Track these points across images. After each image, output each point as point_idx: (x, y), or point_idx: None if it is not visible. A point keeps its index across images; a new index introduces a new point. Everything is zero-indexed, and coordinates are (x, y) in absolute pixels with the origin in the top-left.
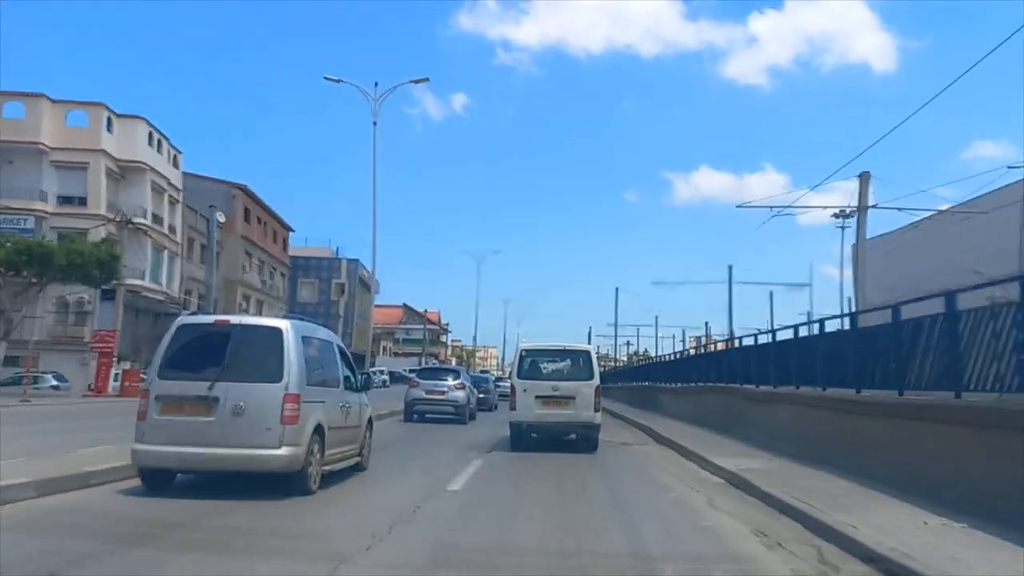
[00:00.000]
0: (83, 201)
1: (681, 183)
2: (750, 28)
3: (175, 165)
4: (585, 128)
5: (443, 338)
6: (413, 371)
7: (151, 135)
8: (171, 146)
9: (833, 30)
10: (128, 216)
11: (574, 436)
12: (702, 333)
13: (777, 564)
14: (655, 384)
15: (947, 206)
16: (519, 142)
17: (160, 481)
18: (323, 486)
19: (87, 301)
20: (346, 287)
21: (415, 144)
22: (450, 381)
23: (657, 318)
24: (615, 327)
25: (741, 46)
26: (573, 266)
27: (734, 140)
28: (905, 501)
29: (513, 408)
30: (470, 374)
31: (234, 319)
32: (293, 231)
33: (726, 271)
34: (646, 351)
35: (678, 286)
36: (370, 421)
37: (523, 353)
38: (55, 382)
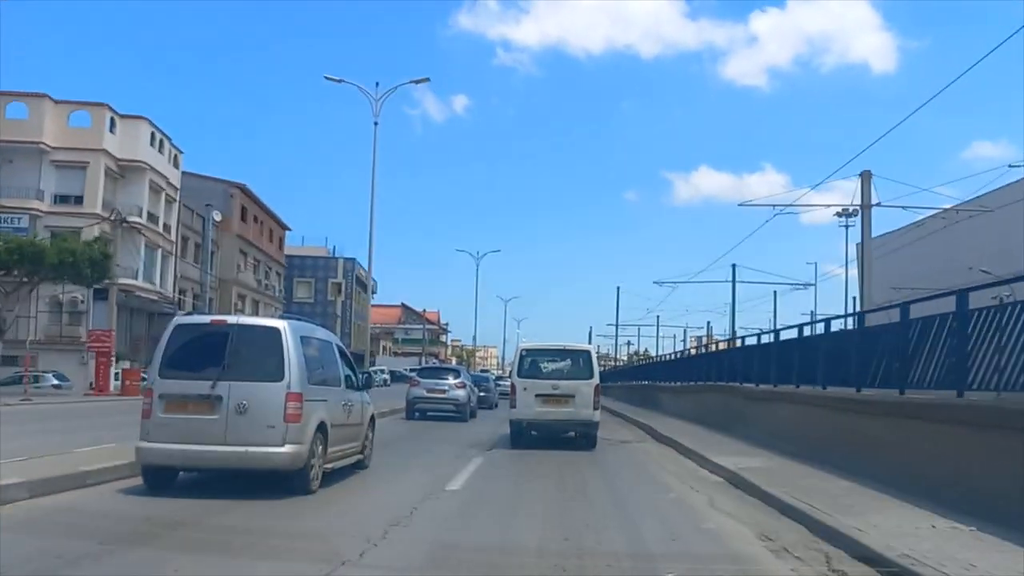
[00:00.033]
0: (79, 200)
1: (681, 183)
2: (751, 27)
3: (175, 165)
4: (585, 128)
5: (443, 338)
6: (414, 370)
7: (153, 135)
8: (173, 146)
9: (833, 30)
10: (122, 215)
11: (573, 434)
12: (704, 333)
13: (785, 571)
14: (655, 383)
15: (950, 205)
16: (519, 142)
17: (162, 480)
18: (325, 484)
19: (80, 300)
20: (343, 287)
21: (415, 144)
22: (451, 380)
23: (658, 318)
24: (615, 327)
25: (741, 46)
26: (573, 266)
27: (734, 140)
28: (908, 502)
29: (513, 406)
30: (470, 373)
31: (231, 319)
32: (290, 230)
33: (728, 270)
34: (646, 351)
35: (679, 286)
36: (372, 419)
37: (523, 352)
38: (56, 381)
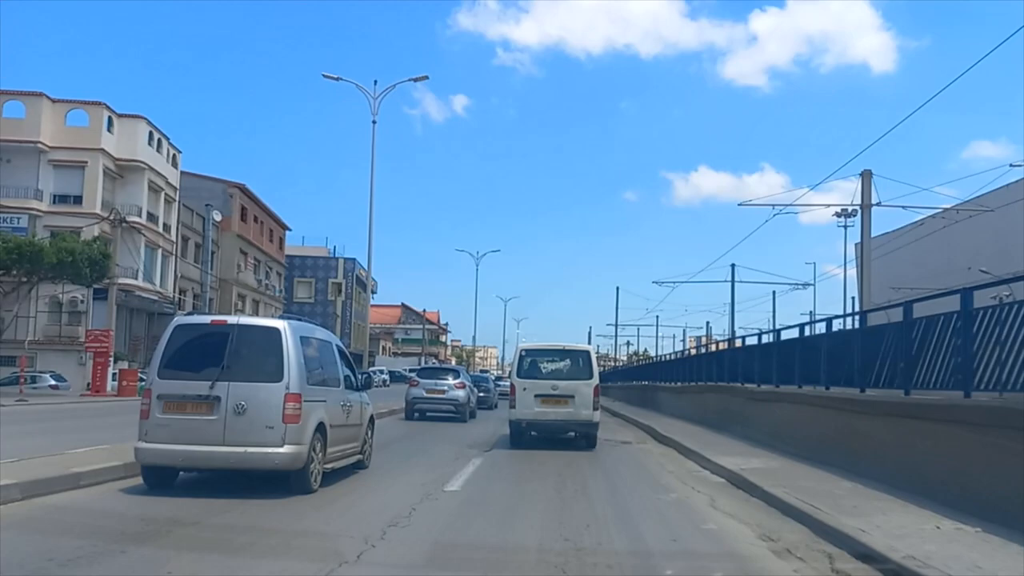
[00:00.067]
0: (78, 200)
1: (680, 183)
2: (751, 27)
3: (174, 164)
4: (585, 128)
5: (443, 338)
6: (413, 370)
7: (151, 134)
8: (171, 145)
9: (833, 30)
10: (121, 215)
11: (573, 434)
12: (703, 333)
13: (787, 572)
14: (655, 383)
15: (951, 204)
16: (519, 142)
17: (162, 479)
18: (324, 484)
19: (80, 300)
20: (343, 287)
21: (415, 144)
22: (450, 380)
23: (658, 318)
24: (615, 327)
25: (741, 46)
26: (573, 266)
27: (733, 140)
28: (912, 503)
29: (513, 407)
30: (470, 374)
31: (231, 319)
32: (290, 230)
33: (727, 270)
34: (646, 351)
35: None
36: (372, 419)
37: (523, 353)
38: (53, 381)
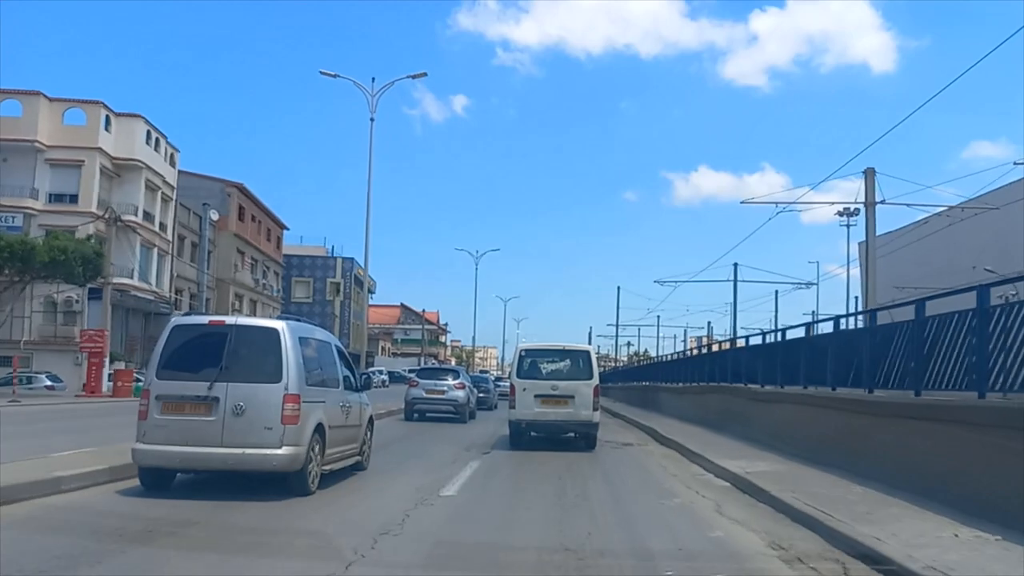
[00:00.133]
0: (74, 199)
1: (681, 183)
2: (751, 27)
3: (172, 163)
4: (585, 128)
5: (442, 338)
6: (413, 371)
7: (149, 133)
8: (169, 144)
9: (833, 29)
10: (116, 213)
11: (573, 434)
12: (704, 333)
13: None
14: (656, 384)
15: (954, 203)
16: (519, 142)
17: (159, 481)
18: (322, 485)
19: (75, 300)
20: (341, 286)
21: (415, 144)
22: (450, 380)
23: (659, 318)
24: (616, 327)
25: (741, 46)
26: (573, 266)
27: (734, 140)
28: (927, 508)
29: (512, 407)
30: (470, 374)
31: (229, 319)
32: (288, 229)
33: (728, 270)
34: (646, 351)
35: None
36: (371, 420)
37: (523, 353)
38: (49, 382)
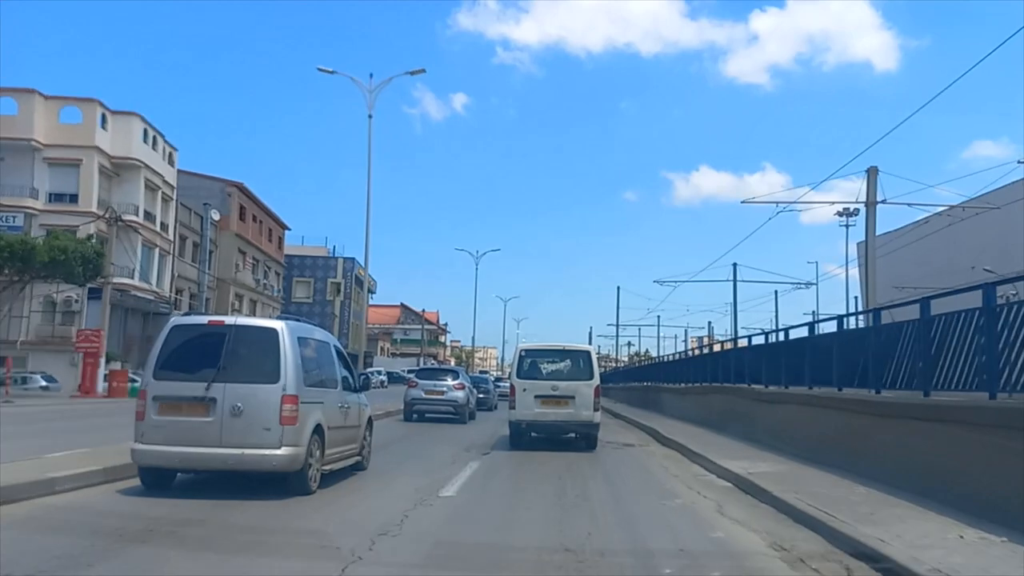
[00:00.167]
0: (74, 198)
1: (681, 183)
2: (751, 26)
3: (170, 163)
4: (585, 128)
5: (442, 338)
6: (412, 371)
7: (146, 132)
8: (166, 143)
9: (834, 29)
10: (117, 213)
11: (573, 435)
12: (704, 333)
13: None
14: (657, 384)
15: (955, 203)
16: (519, 141)
17: (159, 480)
18: (321, 485)
19: (75, 300)
20: (342, 286)
21: (415, 143)
22: (449, 381)
23: (659, 318)
24: (616, 327)
25: (741, 45)
26: (573, 266)
27: (734, 140)
28: (931, 509)
29: (512, 407)
30: (469, 374)
31: (228, 320)
32: (289, 229)
33: (728, 270)
34: (647, 351)
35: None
36: (370, 421)
37: (523, 353)
38: (44, 382)
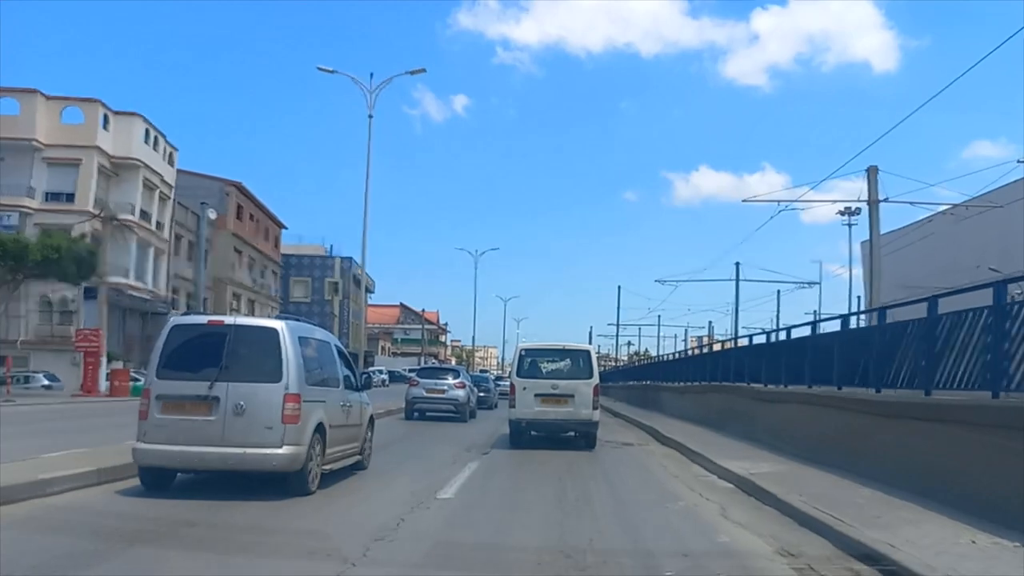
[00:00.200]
0: (71, 197)
1: (681, 183)
2: (752, 26)
3: (170, 162)
4: (585, 128)
5: (442, 338)
6: (413, 370)
7: (147, 132)
8: (168, 143)
9: (834, 29)
10: (112, 212)
11: (573, 433)
12: (705, 332)
13: None
14: (657, 383)
15: (956, 202)
16: (519, 141)
17: (159, 481)
18: (322, 485)
19: (71, 300)
20: (340, 286)
21: (415, 143)
22: (450, 380)
23: (659, 317)
24: (616, 326)
25: (742, 45)
26: (573, 266)
27: (734, 140)
28: (939, 512)
29: (512, 406)
30: (470, 373)
31: (228, 319)
32: (286, 228)
33: (730, 269)
34: (647, 351)
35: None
36: (371, 419)
37: (523, 352)
38: (47, 381)
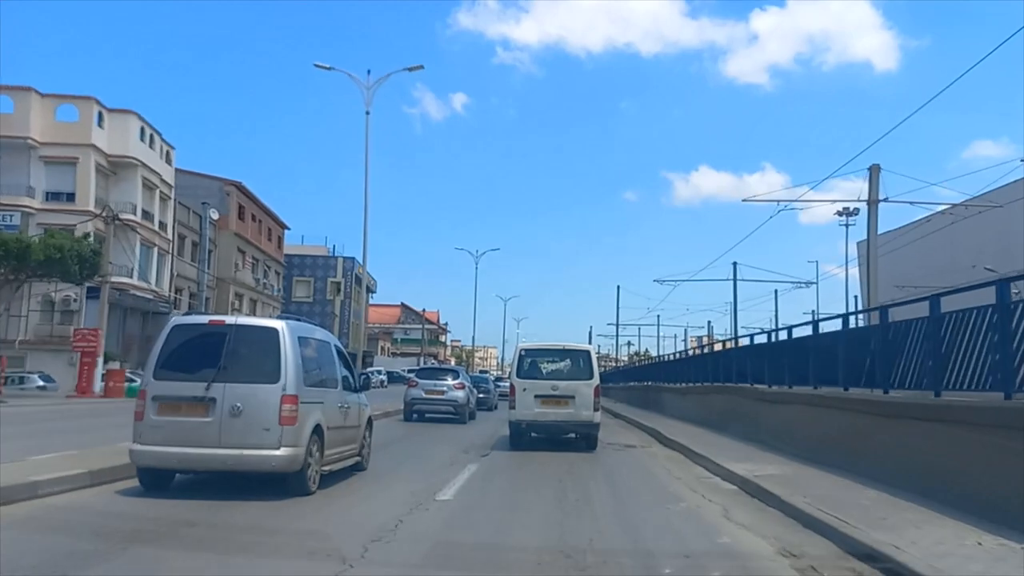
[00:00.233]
0: (71, 197)
1: (681, 183)
2: (751, 26)
3: (168, 161)
4: (585, 128)
5: (442, 338)
6: (412, 371)
7: (143, 130)
8: (164, 141)
9: (834, 29)
10: (115, 212)
11: (573, 435)
12: (704, 332)
13: None
14: (658, 384)
15: (957, 201)
16: (519, 141)
17: (158, 481)
18: (321, 486)
19: (73, 299)
20: (342, 286)
21: (415, 143)
22: (449, 381)
23: (659, 317)
24: (616, 326)
25: (742, 45)
26: (573, 266)
27: (734, 140)
28: (945, 514)
29: (512, 407)
30: (469, 374)
31: (229, 319)
32: (289, 229)
33: (728, 269)
34: (646, 351)
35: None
36: (370, 421)
37: (523, 353)
38: (41, 382)
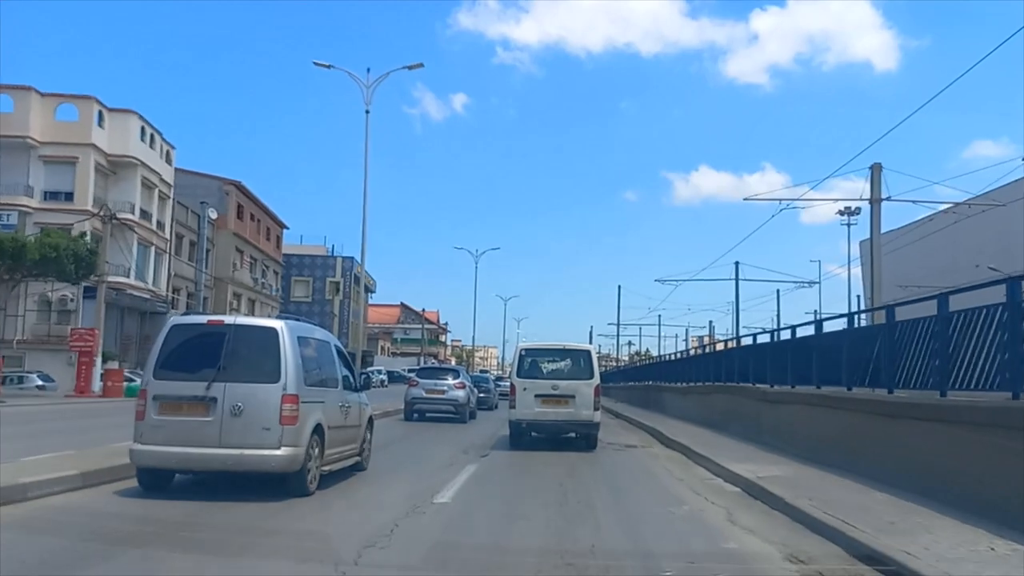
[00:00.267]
0: (69, 196)
1: (681, 183)
2: (751, 26)
3: (168, 161)
4: (585, 128)
5: (442, 338)
6: (412, 370)
7: (143, 130)
8: (164, 141)
9: (834, 29)
10: (112, 211)
11: (573, 434)
12: (706, 332)
13: None
14: (659, 383)
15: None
16: (519, 141)
17: (157, 481)
18: (321, 486)
19: (70, 299)
20: (341, 286)
21: (414, 143)
22: (450, 380)
23: (660, 317)
24: (617, 326)
25: (742, 45)
26: (573, 266)
27: (734, 140)
28: (956, 518)
29: (513, 407)
30: (470, 374)
31: (228, 319)
32: (287, 228)
33: (730, 269)
34: (647, 351)
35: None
36: (370, 420)
37: (523, 352)
38: (40, 382)
